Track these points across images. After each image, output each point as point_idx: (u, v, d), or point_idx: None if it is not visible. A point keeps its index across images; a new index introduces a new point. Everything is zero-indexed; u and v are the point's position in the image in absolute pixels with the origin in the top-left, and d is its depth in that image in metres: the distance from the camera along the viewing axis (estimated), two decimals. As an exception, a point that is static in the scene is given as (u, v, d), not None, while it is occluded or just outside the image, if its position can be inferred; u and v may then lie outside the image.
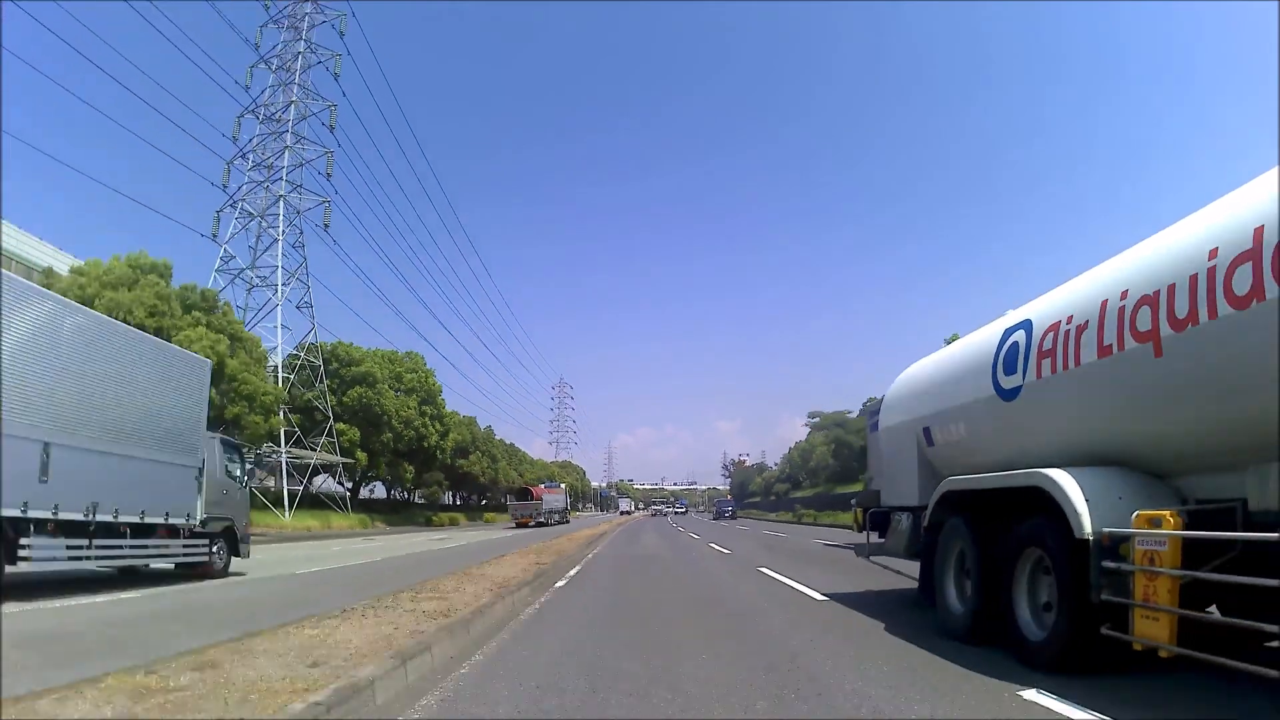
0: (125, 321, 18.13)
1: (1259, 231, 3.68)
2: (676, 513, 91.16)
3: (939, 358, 7.64)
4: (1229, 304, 3.77)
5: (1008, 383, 5.78)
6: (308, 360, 34.77)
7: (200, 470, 10.89)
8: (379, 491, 47.92)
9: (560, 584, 10.62)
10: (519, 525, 41.07)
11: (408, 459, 40.84)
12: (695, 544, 22.08)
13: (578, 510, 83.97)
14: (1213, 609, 4.57)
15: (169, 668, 4.20)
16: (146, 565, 10.77)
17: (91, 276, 21.84)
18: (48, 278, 22.19)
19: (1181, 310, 4.07)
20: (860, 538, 9.26)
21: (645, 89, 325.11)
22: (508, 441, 66.09)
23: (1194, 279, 4.01)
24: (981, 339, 6.50)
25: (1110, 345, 4.62)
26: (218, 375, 21.89)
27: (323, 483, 36.96)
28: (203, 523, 10.86)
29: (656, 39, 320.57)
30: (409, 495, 50.37)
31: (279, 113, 37.11)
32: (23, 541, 7.63)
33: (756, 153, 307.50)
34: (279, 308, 34.15)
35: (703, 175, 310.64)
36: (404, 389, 40.50)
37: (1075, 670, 4.47)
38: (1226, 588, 3.71)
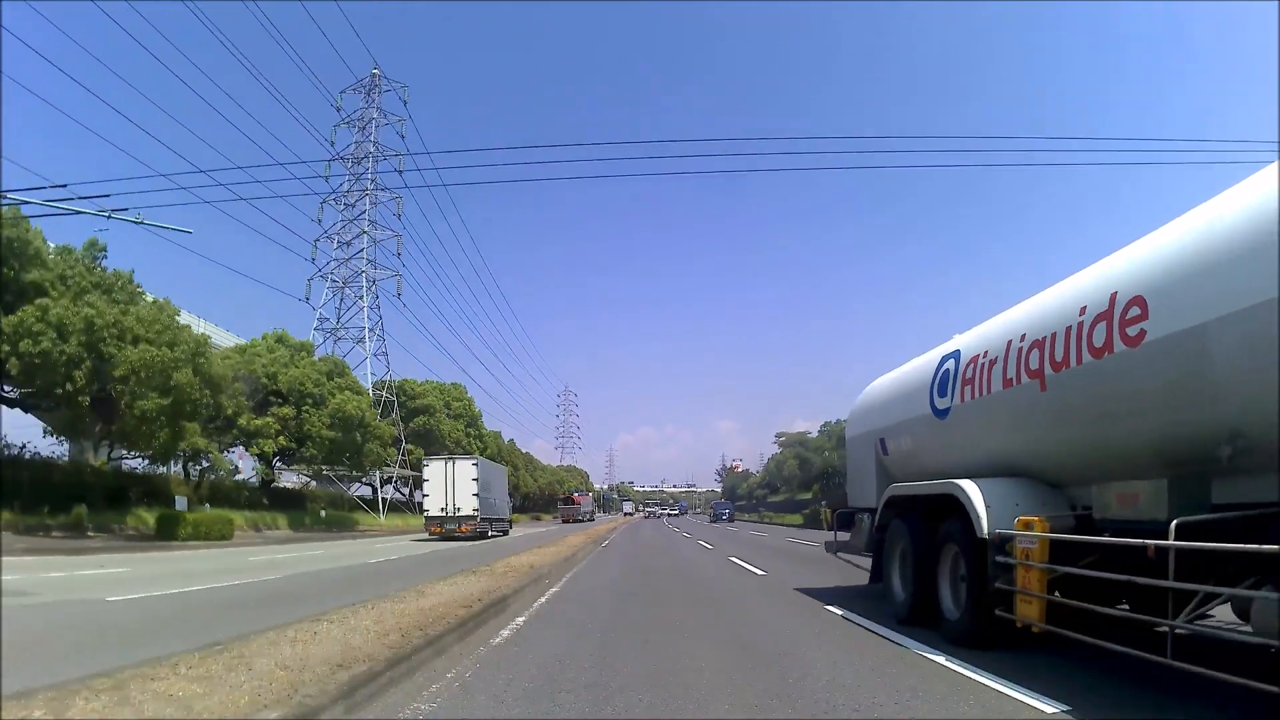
0: (299, 390, 29.73)
1: (1113, 296, 4.63)
2: (670, 515, 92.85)
3: (892, 377, 8.61)
4: (1090, 354, 4.74)
5: (941, 404, 6.76)
6: (388, 397, 44.55)
7: (509, 502, 36.74)
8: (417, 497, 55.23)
9: (604, 545, 22.87)
10: (565, 521, 58.11)
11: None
12: (674, 533, 35.86)
13: None
14: (1125, 605, 5.42)
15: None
16: (505, 532, 31.81)
17: (269, 358, 30.12)
18: (247, 355, 30.40)
19: (1059, 355, 5.04)
20: (832, 536, 10.24)
21: (646, 91, 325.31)
22: (523, 450, 77.26)
23: (1068, 330, 4.98)
24: (924, 363, 7.48)
25: (1011, 379, 5.59)
26: (360, 422, 31.63)
27: (393, 493, 48.03)
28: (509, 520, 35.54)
29: (658, 38, 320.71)
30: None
31: (355, 201, 47.59)
32: (492, 527, 29.78)
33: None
34: (368, 360, 45.32)
35: (703, 176, 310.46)
36: (453, 415, 51.13)
37: (982, 645, 5.44)
38: (1123, 584, 4.50)
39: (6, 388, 19.85)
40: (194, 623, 7.13)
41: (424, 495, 27.06)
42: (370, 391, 40.92)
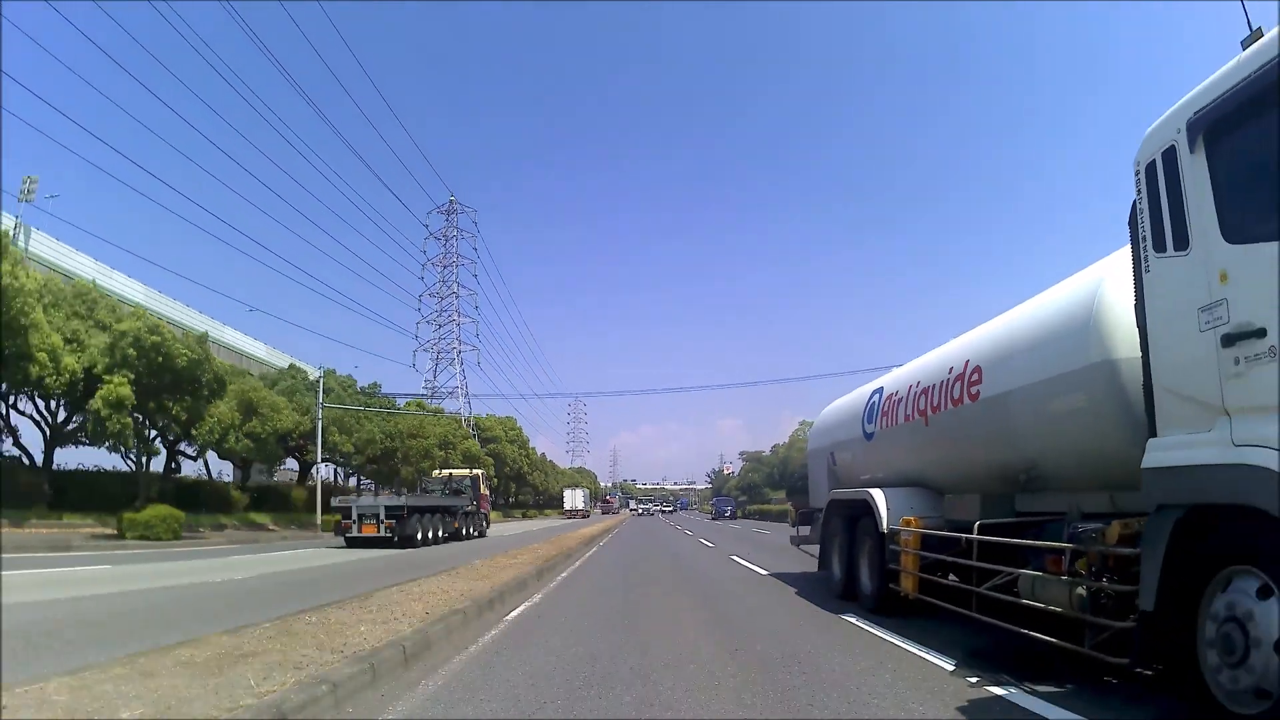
0: (446, 439, 46.20)
1: (966, 363, 6.54)
2: (664, 511, 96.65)
3: (840, 403, 10.52)
4: (951, 403, 6.65)
5: (869, 429, 8.68)
6: (472, 433, 61.98)
7: (589, 501, 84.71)
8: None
9: (625, 523, 50.22)
10: (604, 513, 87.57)
11: (513, 481, 73.26)
12: (663, 520, 60.50)
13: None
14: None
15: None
16: (588, 515, 71.28)
17: (417, 421, 43.32)
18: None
19: (935, 401, 6.96)
20: (798, 532, 12.18)
21: (650, 96, 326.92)
22: (548, 458, 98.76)
23: (941, 383, 6.89)
24: (861, 395, 9.40)
25: (909, 415, 7.51)
26: (477, 458, 49.79)
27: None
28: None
29: (662, 33, 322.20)
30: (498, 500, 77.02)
31: (445, 296, 74.27)
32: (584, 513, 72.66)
33: (760, 158, 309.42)
34: (460, 408, 68.37)
35: (709, 176, 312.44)
36: (509, 440, 70.05)
37: (884, 612, 7.35)
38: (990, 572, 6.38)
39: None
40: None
41: (564, 501, 73.12)
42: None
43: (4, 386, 20.90)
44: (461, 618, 6.62)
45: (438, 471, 32.92)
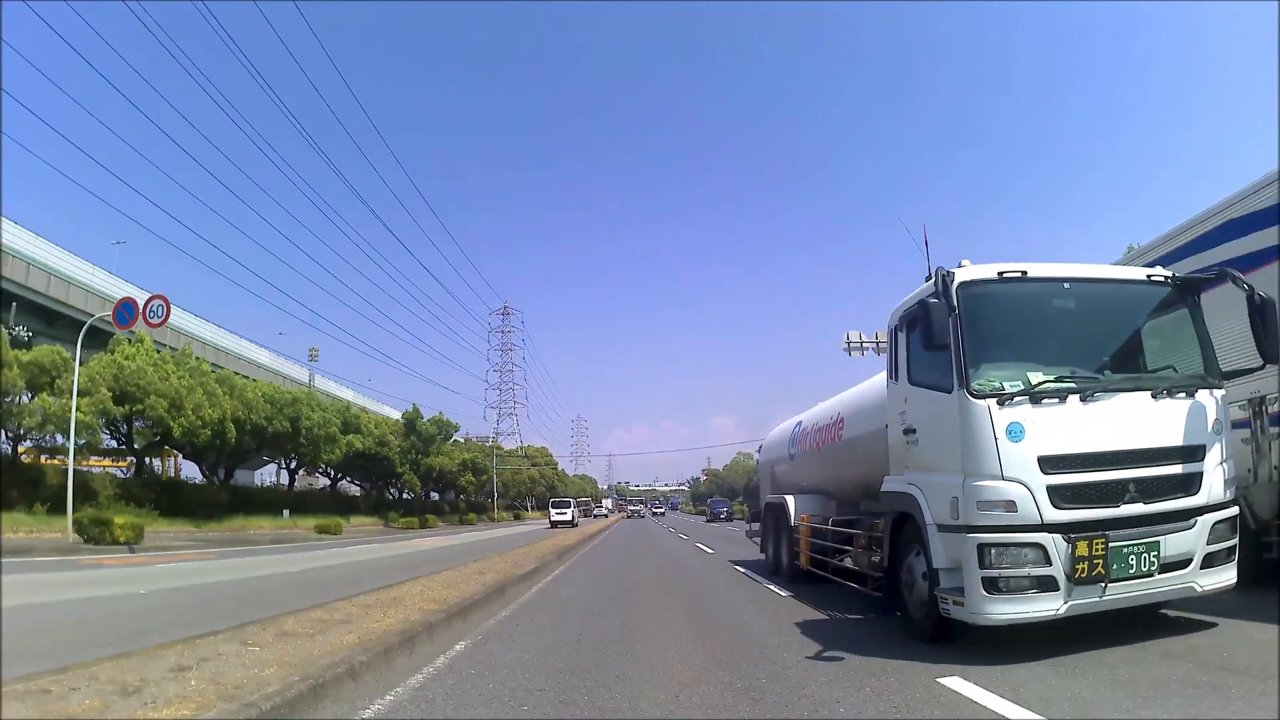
0: (520, 469, 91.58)
1: (839, 413, 9.91)
2: (655, 512, 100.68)
3: (780, 428, 13.86)
4: (830, 440, 10.03)
5: (792, 451, 12.06)
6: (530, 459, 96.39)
7: (610, 507, 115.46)
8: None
9: (620, 522, 64.08)
10: (618, 511, 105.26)
11: (547, 490, 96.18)
12: (651, 521, 72.09)
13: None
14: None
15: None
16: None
17: (516, 465, 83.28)
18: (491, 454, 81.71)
19: (825, 437, 10.33)
20: (748, 526, 15.58)
21: (647, 107, 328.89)
22: (564, 470, 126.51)
23: (827, 425, 10.26)
24: (790, 424, 12.75)
25: (812, 445, 10.88)
26: (536, 480, 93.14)
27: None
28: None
29: (680, 43, 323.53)
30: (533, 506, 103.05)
31: (504, 371, 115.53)
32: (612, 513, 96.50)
33: (761, 163, 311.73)
34: (518, 445, 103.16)
35: (709, 185, 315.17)
36: (546, 464, 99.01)
37: (795, 580, 10.74)
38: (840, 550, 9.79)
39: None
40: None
41: (604, 504, 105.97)
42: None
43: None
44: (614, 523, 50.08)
45: (583, 498, 72.62)
